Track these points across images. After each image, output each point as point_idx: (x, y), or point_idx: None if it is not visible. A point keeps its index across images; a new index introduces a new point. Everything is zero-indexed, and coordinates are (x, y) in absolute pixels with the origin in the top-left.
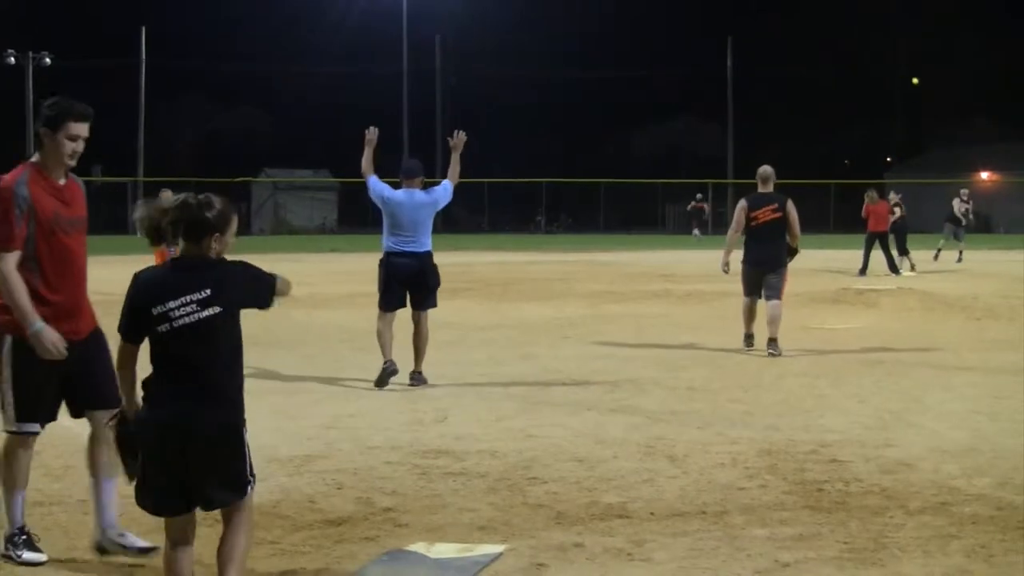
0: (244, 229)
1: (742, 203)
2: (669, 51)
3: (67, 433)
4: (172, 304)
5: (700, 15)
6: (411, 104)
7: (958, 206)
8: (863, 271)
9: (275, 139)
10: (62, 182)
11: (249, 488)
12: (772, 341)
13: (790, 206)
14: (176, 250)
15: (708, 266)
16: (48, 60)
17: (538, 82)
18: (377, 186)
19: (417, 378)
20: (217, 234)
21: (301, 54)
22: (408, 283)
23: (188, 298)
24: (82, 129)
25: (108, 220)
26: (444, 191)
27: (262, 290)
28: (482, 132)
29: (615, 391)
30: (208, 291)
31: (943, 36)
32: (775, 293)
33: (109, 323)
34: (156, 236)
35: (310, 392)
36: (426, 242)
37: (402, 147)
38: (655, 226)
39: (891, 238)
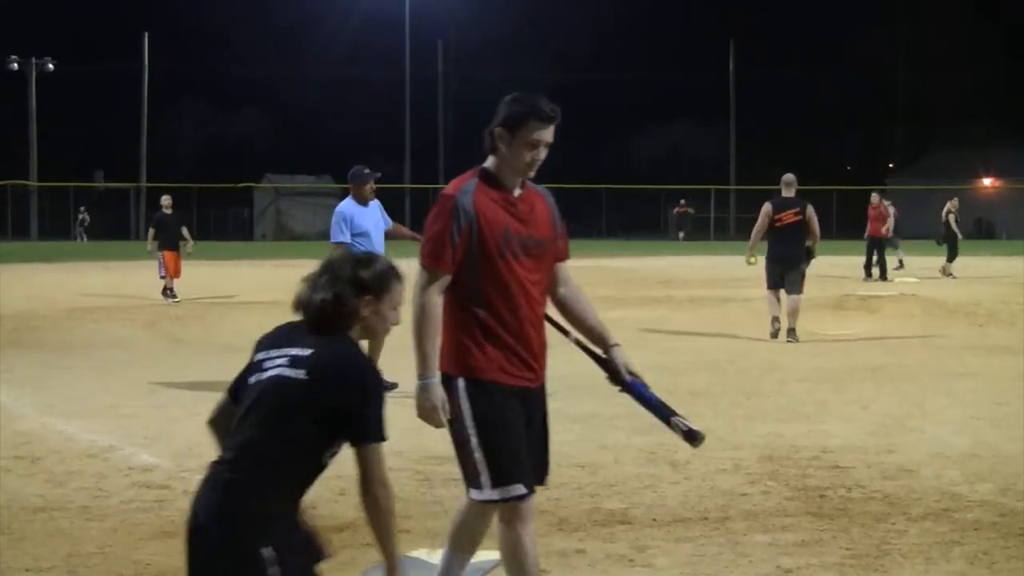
0: (246, 235)
1: (767, 207)
2: (671, 55)
3: (68, 438)
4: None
5: (702, 19)
6: (413, 109)
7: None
8: (883, 275)
9: (277, 144)
10: (517, 193)
11: None
12: (791, 331)
13: (810, 211)
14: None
15: (709, 271)
16: (51, 66)
17: (540, 87)
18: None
19: None
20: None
21: (303, 59)
22: None
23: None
24: (546, 134)
25: (110, 226)
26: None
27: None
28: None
29: (616, 396)
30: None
31: (946, 40)
32: (796, 288)
33: (113, 329)
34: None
35: None
36: None
37: (404, 152)
38: (656, 231)
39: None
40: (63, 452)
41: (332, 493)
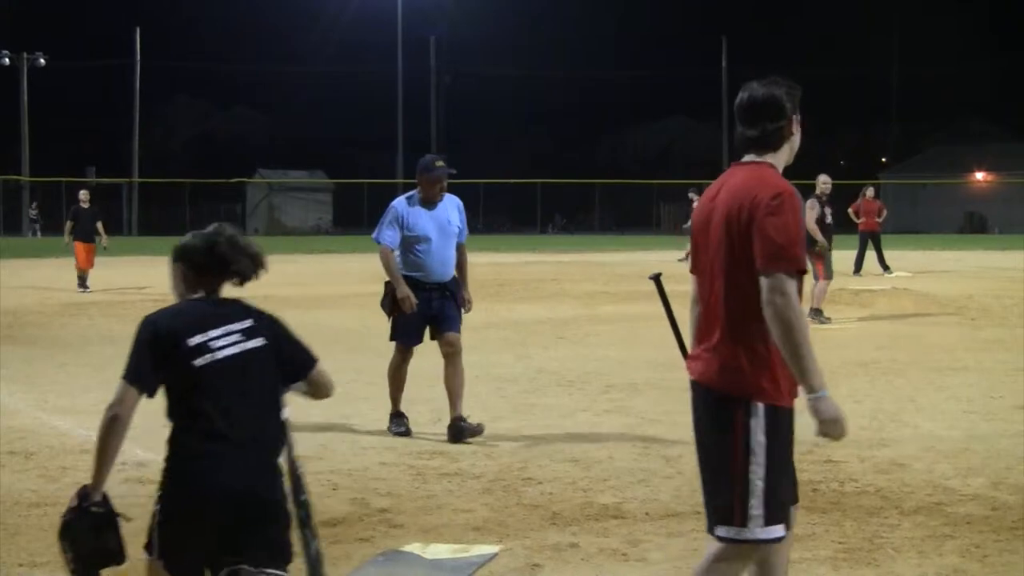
0: (239, 230)
1: (815, 204)
2: (663, 51)
3: (62, 434)
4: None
5: (694, 15)
6: (406, 104)
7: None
8: (885, 268)
9: (270, 140)
10: None
11: None
12: (816, 311)
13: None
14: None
15: None
16: (43, 61)
17: (533, 82)
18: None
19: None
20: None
21: (296, 55)
22: None
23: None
24: None
25: (103, 221)
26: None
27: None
28: (476, 132)
29: (609, 392)
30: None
31: (939, 36)
32: (814, 273)
33: (107, 325)
34: None
35: None
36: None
37: (397, 147)
38: (649, 226)
39: None
40: (57, 447)
41: (325, 489)
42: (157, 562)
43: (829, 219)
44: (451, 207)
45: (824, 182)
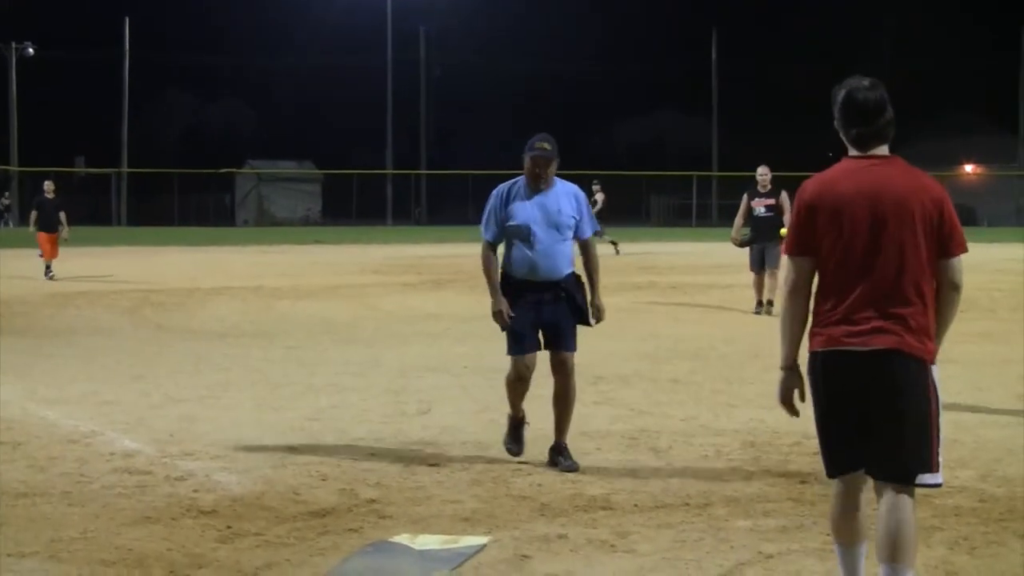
0: (228, 221)
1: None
2: (654, 44)
3: (50, 424)
4: None
5: (684, 7)
6: (395, 96)
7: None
8: None
9: (259, 131)
10: None
11: None
12: (760, 303)
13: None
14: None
15: (692, 258)
16: (31, 51)
17: (522, 74)
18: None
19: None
20: None
21: (285, 46)
22: None
23: None
24: None
25: (92, 211)
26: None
27: None
28: (466, 124)
29: (599, 383)
30: None
31: (929, 29)
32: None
33: (95, 315)
34: None
35: (294, 384)
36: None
37: (386, 139)
38: (639, 218)
39: None
40: (45, 438)
41: (314, 479)
42: None
43: (761, 211)
44: (564, 195)
45: (762, 174)
